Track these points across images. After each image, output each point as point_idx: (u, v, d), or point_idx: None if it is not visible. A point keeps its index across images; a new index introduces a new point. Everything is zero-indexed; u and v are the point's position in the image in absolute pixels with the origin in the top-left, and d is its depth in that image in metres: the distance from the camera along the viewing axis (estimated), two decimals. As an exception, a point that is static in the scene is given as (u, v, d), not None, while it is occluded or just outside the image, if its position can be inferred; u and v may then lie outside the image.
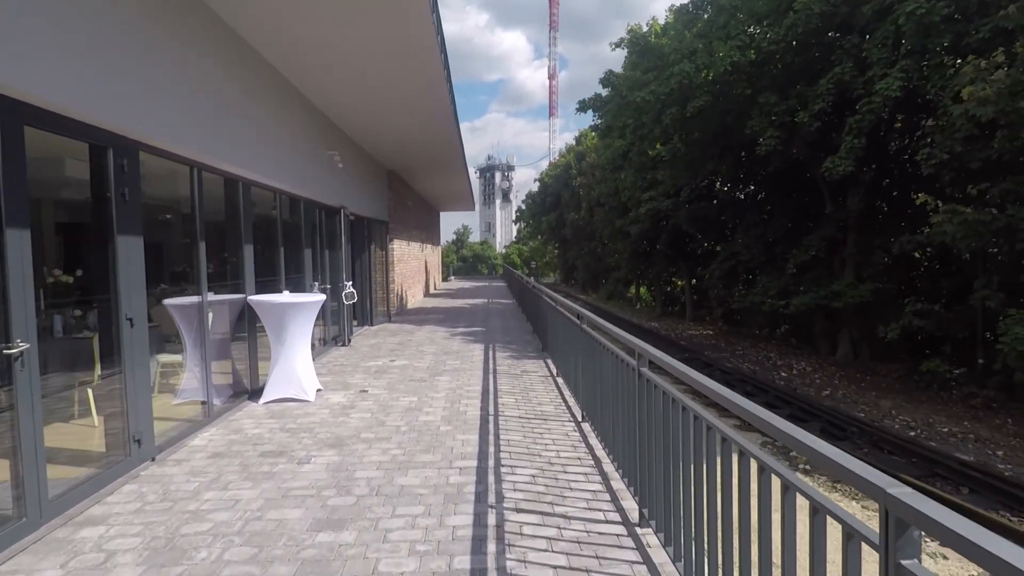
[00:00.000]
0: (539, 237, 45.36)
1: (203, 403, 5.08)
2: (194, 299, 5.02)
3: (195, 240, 4.84)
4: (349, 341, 9.43)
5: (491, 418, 5.15)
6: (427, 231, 22.30)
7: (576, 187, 30.54)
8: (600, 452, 4.18)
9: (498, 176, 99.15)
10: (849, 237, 12.15)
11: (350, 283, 9.41)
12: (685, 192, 16.53)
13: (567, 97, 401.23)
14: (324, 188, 8.28)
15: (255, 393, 5.85)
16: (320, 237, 8.69)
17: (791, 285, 12.29)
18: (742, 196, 15.82)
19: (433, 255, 25.58)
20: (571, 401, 5.65)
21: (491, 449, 4.33)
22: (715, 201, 16.12)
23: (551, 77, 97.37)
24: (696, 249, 19.25)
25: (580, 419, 5.02)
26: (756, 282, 13.96)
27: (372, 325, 11.94)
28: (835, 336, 12.92)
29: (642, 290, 27.07)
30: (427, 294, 21.97)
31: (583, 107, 15.26)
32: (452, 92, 8.85)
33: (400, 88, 7.49)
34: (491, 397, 5.97)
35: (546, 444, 4.43)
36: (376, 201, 12.46)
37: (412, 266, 17.53)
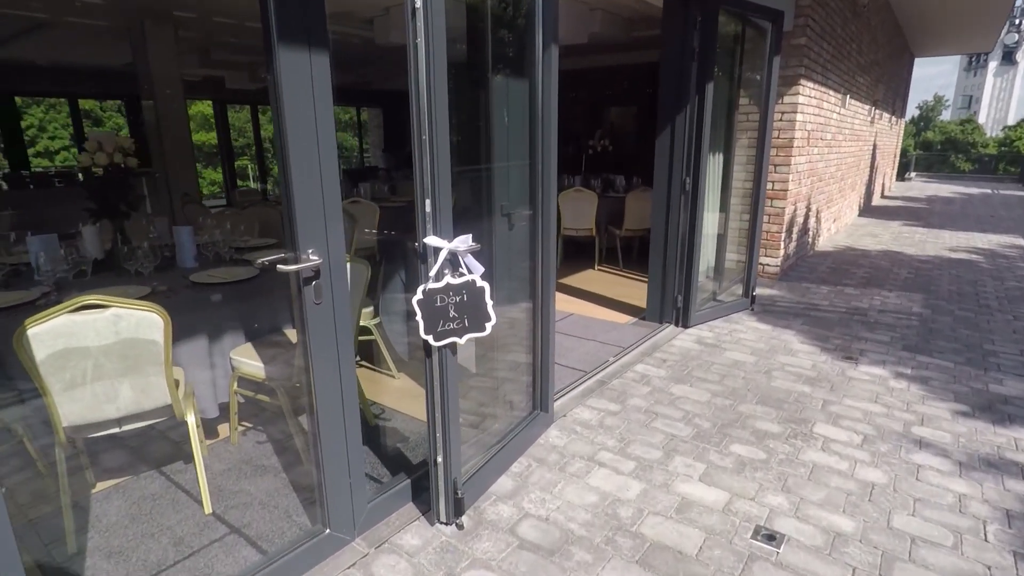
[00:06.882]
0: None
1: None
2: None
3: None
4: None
5: None
6: (888, 84, 11.32)
7: None
8: None
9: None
10: None
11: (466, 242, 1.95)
12: None
13: None
14: None
15: None
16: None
17: None
18: None
19: (890, 135, 14.00)
20: None
21: None
22: None
23: None
24: None
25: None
26: None
27: (688, 327, 4.23)
28: None
29: None
30: (863, 210, 11.66)
31: None
32: None
33: None
34: None
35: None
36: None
37: (843, 155, 8.04)
